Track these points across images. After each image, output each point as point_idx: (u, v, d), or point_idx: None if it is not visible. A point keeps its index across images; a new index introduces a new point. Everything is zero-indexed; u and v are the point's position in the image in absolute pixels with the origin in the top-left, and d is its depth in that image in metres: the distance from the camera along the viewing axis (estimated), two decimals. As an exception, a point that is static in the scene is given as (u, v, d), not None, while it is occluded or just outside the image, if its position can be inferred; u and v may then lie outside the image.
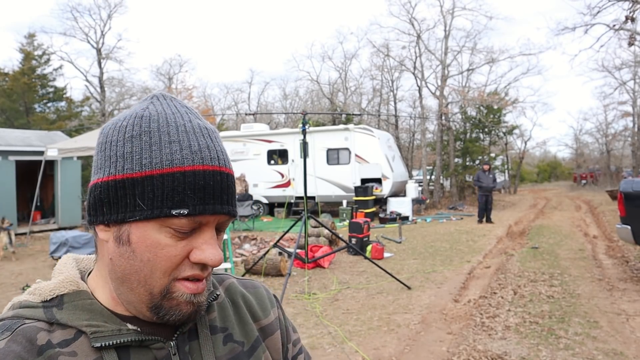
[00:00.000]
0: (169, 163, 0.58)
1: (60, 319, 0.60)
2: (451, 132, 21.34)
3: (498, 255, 8.44)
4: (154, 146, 0.58)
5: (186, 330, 0.66)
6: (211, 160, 0.60)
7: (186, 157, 0.58)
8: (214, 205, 0.59)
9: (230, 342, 0.70)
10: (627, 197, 6.05)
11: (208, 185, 0.58)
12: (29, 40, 21.32)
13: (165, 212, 0.57)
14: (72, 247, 7.95)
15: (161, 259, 0.59)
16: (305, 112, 6.31)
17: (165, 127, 0.60)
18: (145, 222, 0.58)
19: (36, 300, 0.63)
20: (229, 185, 0.61)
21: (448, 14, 20.36)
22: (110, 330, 0.60)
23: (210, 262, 0.60)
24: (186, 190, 0.57)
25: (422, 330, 4.45)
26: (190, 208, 0.57)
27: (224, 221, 0.63)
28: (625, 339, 4.06)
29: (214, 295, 0.70)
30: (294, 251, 5.89)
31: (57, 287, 0.63)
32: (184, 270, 0.60)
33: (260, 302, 0.79)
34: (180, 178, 0.57)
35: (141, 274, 0.59)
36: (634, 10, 10.82)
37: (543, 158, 56.09)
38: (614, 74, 25.12)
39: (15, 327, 0.59)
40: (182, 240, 0.59)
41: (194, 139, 0.60)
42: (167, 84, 29.43)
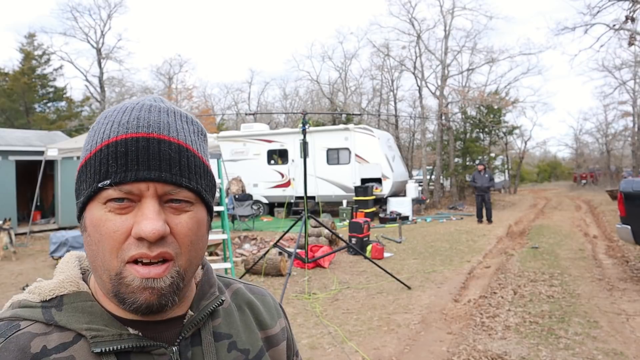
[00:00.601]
0: (100, 141, 0.58)
1: (59, 321, 0.58)
2: (451, 132, 21.34)
3: (498, 255, 8.44)
4: (97, 131, 0.60)
5: (189, 336, 0.64)
6: (137, 129, 0.57)
7: (113, 131, 0.58)
8: (137, 172, 0.56)
9: (235, 349, 0.68)
10: (627, 197, 6.05)
11: (130, 151, 0.56)
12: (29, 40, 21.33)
13: (94, 187, 0.57)
14: (72, 247, 7.94)
15: (104, 236, 0.56)
16: (305, 112, 6.31)
17: (111, 112, 0.61)
18: (90, 204, 0.58)
19: (35, 299, 0.61)
20: (162, 151, 0.57)
21: (448, 14, 20.37)
22: (111, 335, 0.58)
23: (144, 234, 0.54)
24: (109, 160, 0.56)
25: (422, 330, 4.45)
26: (112, 177, 0.56)
27: (167, 191, 0.57)
28: (625, 339, 4.06)
29: (219, 300, 0.69)
30: (294, 251, 5.89)
31: (57, 287, 0.62)
32: (129, 249, 0.56)
33: (268, 311, 0.77)
34: (105, 150, 0.57)
35: (98, 258, 0.58)
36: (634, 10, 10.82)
37: (543, 158, 56.08)
38: (614, 73, 25.16)
39: (9, 334, 0.57)
40: (122, 215, 0.57)
41: (128, 114, 0.59)
42: (167, 84, 29.44)
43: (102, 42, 22.07)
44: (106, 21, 21.96)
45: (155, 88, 28.73)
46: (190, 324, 0.65)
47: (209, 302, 0.68)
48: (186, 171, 0.59)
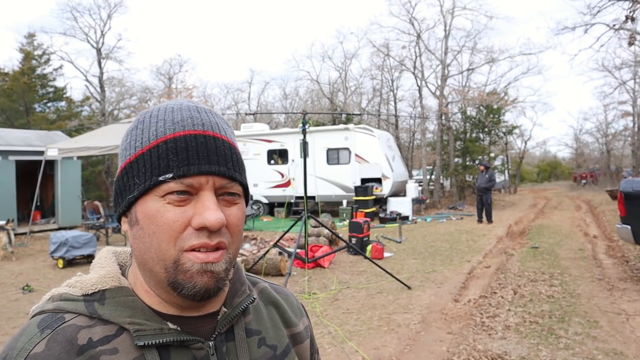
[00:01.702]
0: (154, 137, 0.61)
1: (102, 315, 0.61)
2: (451, 132, 21.33)
3: (498, 255, 8.43)
4: (145, 129, 0.63)
5: (224, 332, 0.67)
6: (193, 126, 0.61)
7: (168, 128, 0.61)
8: (199, 165, 0.59)
9: (264, 345, 0.71)
10: (627, 197, 6.05)
11: (190, 146, 0.59)
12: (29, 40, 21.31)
13: (154, 181, 0.59)
14: (72, 247, 7.95)
15: (162, 227, 0.59)
16: (305, 112, 6.31)
17: (156, 112, 0.64)
18: (145, 197, 0.61)
19: (77, 293, 0.63)
20: (218, 147, 0.61)
21: (448, 14, 20.37)
22: (153, 329, 0.61)
23: (208, 223, 0.58)
24: (169, 155, 0.59)
25: (422, 330, 4.45)
26: (175, 170, 0.59)
27: (223, 184, 0.61)
28: (625, 339, 4.06)
29: (251, 298, 0.72)
30: (294, 251, 5.89)
31: (99, 281, 0.64)
32: (189, 239, 0.59)
33: (292, 310, 0.81)
34: (163, 146, 0.60)
35: (152, 250, 0.60)
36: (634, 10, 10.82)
37: (543, 158, 56.07)
38: (614, 73, 25.12)
39: (56, 326, 0.59)
40: (180, 206, 0.59)
41: (178, 114, 0.62)
42: (167, 84, 29.43)
43: (102, 42, 22.05)
44: (106, 21, 21.93)
45: (155, 88, 28.71)
46: (225, 321, 0.67)
47: (242, 299, 0.71)
48: (237, 166, 0.63)
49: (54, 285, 6.98)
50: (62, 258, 7.93)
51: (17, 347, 0.57)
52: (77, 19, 21.78)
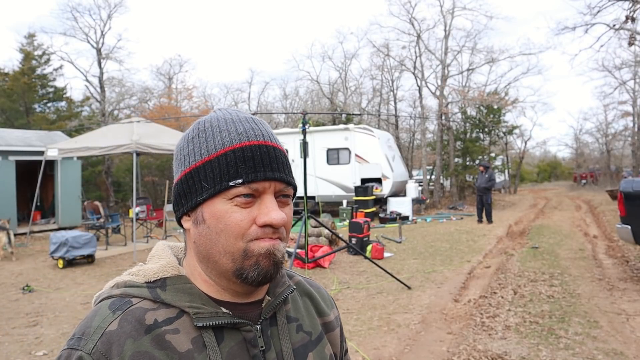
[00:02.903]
0: (221, 146, 0.69)
1: (164, 299, 0.69)
2: (451, 132, 21.32)
3: (498, 255, 8.43)
4: (209, 138, 0.70)
5: (268, 317, 0.75)
6: (256, 137, 0.69)
7: (234, 138, 0.69)
8: (265, 172, 0.67)
9: (301, 331, 0.80)
10: (627, 197, 6.05)
11: (256, 155, 0.68)
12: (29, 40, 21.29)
13: (224, 185, 0.67)
14: (72, 247, 7.94)
15: (231, 225, 0.67)
16: (305, 112, 6.31)
17: (216, 123, 0.72)
18: (212, 199, 0.68)
19: (140, 280, 0.71)
20: (277, 156, 0.70)
21: (448, 14, 20.36)
22: (209, 312, 0.69)
23: (274, 222, 0.67)
24: (238, 163, 0.67)
25: (422, 330, 4.45)
26: (244, 176, 0.67)
27: (281, 188, 0.70)
28: (625, 339, 4.06)
29: (291, 288, 0.80)
30: (294, 251, 5.89)
31: (160, 270, 0.72)
32: (256, 233, 0.67)
33: (324, 301, 0.90)
34: (231, 155, 0.68)
35: (219, 244, 0.68)
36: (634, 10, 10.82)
37: (543, 158, 56.05)
38: (614, 73, 25.09)
39: (125, 308, 0.67)
40: (245, 208, 0.67)
41: (239, 125, 0.71)
42: (167, 84, 29.43)
43: (102, 42, 22.04)
44: (106, 21, 21.92)
45: (155, 88, 28.71)
46: (269, 308, 0.76)
47: (283, 289, 0.79)
48: (290, 172, 0.72)
49: (54, 286, 6.97)
50: (62, 258, 7.92)
51: (92, 326, 0.65)
52: (77, 19, 21.78)
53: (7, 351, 4.21)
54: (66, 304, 5.75)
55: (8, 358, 4.05)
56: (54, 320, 5.10)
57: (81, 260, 8.34)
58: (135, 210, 9.77)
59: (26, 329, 4.84)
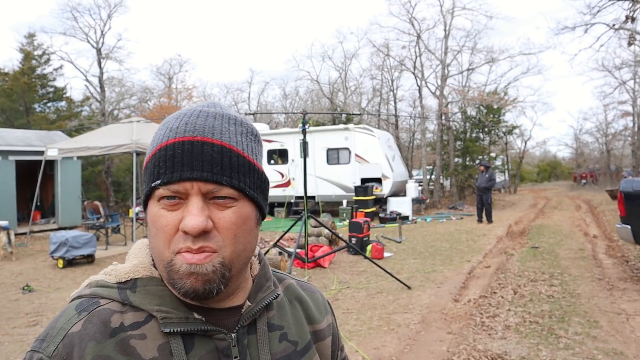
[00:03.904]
0: (156, 145, 0.65)
1: (133, 302, 0.65)
2: (451, 132, 21.32)
3: (498, 255, 8.43)
4: (155, 136, 0.67)
5: (246, 325, 0.70)
6: (184, 133, 0.63)
7: (165, 136, 0.65)
8: (181, 172, 0.62)
9: (285, 340, 0.74)
10: (627, 197, 6.05)
11: (176, 154, 0.62)
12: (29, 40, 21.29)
13: (149, 187, 0.65)
14: (72, 247, 7.94)
15: (159, 230, 0.63)
16: (305, 112, 6.31)
17: (169, 118, 0.68)
18: (150, 201, 0.66)
19: (112, 280, 0.68)
20: (205, 152, 0.62)
21: (448, 14, 20.36)
22: (179, 318, 0.64)
23: (186, 229, 0.60)
24: (160, 163, 0.63)
25: (422, 330, 4.45)
26: (162, 177, 0.62)
27: (210, 189, 0.62)
28: (625, 339, 4.06)
29: (275, 294, 0.75)
30: (294, 251, 5.89)
31: (131, 270, 0.68)
32: (179, 242, 0.62)
33: (316, 307, 0.83)
34: (157, 154, 0.64)
35: (156, 249, 0.65)
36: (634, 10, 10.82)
37: (543, 158, 56.06)
38: (613, 73, 25.11)
39: (92, 309, 0.64)
40: (172, 211, 0.63)
41: (180, 120, 0.65)
42: (167, 84, 29.43)
43: (102, 42, 22.04)
44: (106, 21, 21.92)
45: (155, 88, 28.71)
46: (248, 314, 0.70)
47: (266, 294, 0.74)
48: (228, 170, 0.63)
49: (54, 285, 6.98)
50: (62, 258, 7.92)
51: (56, 327, 0.63)
52: (77, 19, 21.78)
53: (7, 351, 4.21)
54: (66, 304, 5.74)
55: (8, 358, 4.05)
56: (54, 320, 5.09)
57: (81, 260, 8.34)
58: (135, 210, 9.77)
59: (26, 329, 4.84)
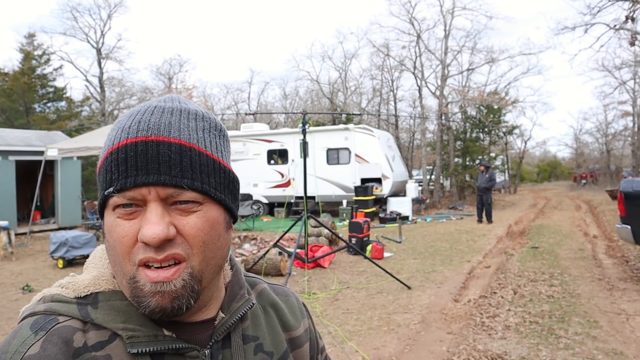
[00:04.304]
0: (108, 147, 0.58)
1: (95, 319, 0.58)
2: (451, 132, 21.33)
3: (498, 255, 8.43)
4: (108, 139, 0.60)
5: (220, 339, 0.64)
6: (137, 133, 0.56)
7: (117, 137, 0.57)
8: (136, 177, 0.55)
9: (261, 352, 0.68)
10: (627, 197, 6.05)
11: (129, 156, 0.55)
12: (29, 40, 21.31)
13: (102, 195, 0.58)
14: (72, 247, 7.95)
15: (116, 241, 0.57)
16: (305, 112, 6.30)
17: (121, 118, 0.61)
18: (105, 211, 0.59)
19: (70, 295, 0.60)
20: (161, 153, 0.55)
21: (448, 14, 20.36)
22: (147, 336, 0.58)
23: (145, 240, 0.54)
24: (112, 168, 0.56)
25: (422, 330, 4.45)
26: (115, 184, 0.56)
27: (170, 194, 0.56)
28: (625, 339, 4.06)
29: (250, 303, 0.69)
30: (294, 251, 5.89)
31: (91, 283, 0.61)
32: (138, 253, 0.55)
33: (292, 312, 0.77)
34: (109, 158, 0.57)
35: (116, 262, 0.58)
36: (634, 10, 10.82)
37: (543, 158, 56.07)
38: (613, 73, 25.12)
39: (50, 327, 0.56)
40: (130, 220, 0.56)
41: (134, 119, 0.58)
42: (167, 84, 29.42)
43: (102, 42, 22.05)
44: (106, 21, 21.93)
45: (155, 88, 28.71)
46: (222, 327, 0.65)
47: (240, 304, 0.68)
48: (189, 171, 0.57)
49: (54, 285, 7.04)
50: (62, 258, 7.93)
51: (9, 351, 0.54)
52: (77, 19, 21.79)
53: (7, 351, 4.21)
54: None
55: (8, 358, 4.05)
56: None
57: (81, 260, 8.33)
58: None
59: (26, 329, 4.84)
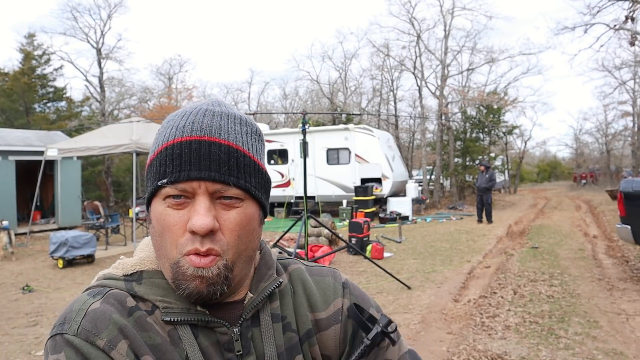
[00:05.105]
0: (161, 143, 0.65)
1: (138, 292, 0.66)
2: (451, 132, 21.32)
3: (498, 255, 8.43)
4: (160, 134, 0.67)
5: (249, 318, 0.69)
6: (191, 132, 0.63)
7: (171, 134, 0.64)
8: (189, 171, 0.61)
9: (289, 331, 0.72)
10: (627, 197, 6.05)
11: (184, 153, 0.62)
12: (29, 40, 21.29)
13: (155, 185, 0.64)
14: (72, 247, 7.94)
15: (165, 229, 0.63)
16: (305, 112, 6.30)
17: (172, 117, 0.68)
18: (154, 199, 0.66)
19: (119, 273, 0.69)
20: (212, 152, 0.62)
21: (448, 14, 20.36)
22: (180, 308, 0.65)
23: (195, 228, 0.61)
24: (167, 161, 0.63)
25: (422, 330, 4.45)
26: (169, 176, 0.62)
27: (217, 189, 0.63)
28: (625, 339, 4.06)
29: (277, 282, 0.73)
30: (294, 251, 5.89)
31: (137, 263, 0.70)
32: (187, 244, 0.62)
33: (322, 292, 0.77)
34: (164, 152, 0.64)
35: (162, 248, 0.65)
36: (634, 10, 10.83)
37: (543, 158, 56.05)
38: (613, 73, 25.10)
39: (105, 292, 0.65)
40: (179, 210, 0.63)
41: (186, 119, 0.65)
42: (167, 84, 29.43)
43: (102, 42, 22.05)
44: (106, 21, 21.93)
45: (155, 88, 28.72)
46: (250, 306, 0.69)
47: (267, 284, 0.72)
48: (235, 170, 0.63)
49: (54, 286, 6.98)
50: (62, 258, 7.92)
51: (74, 309, 0.62)
52: (77, 19, 21.78)
53: (7, 351, 4.21)
54: (66, 304, 5.74)
55: (8, 358, 4.05)
56: (54, 320, 5.09)
57: (81, 260, 8.34)
58: (135, 210, 9.77)
59: (26, 329, 4.84)
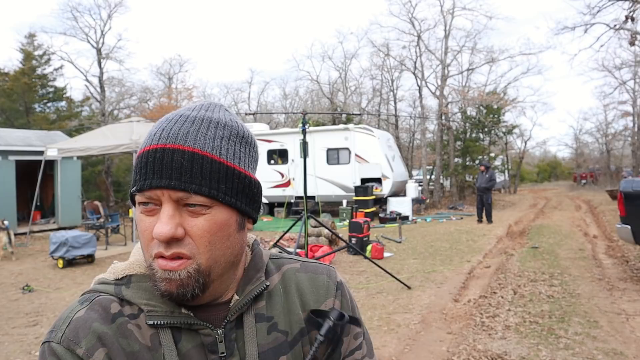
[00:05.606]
0: (139, 151, 0.68)
1: (125, 296, 0.69)
2: (451, 132, 21.32)
3: (498, 255, 8.43)
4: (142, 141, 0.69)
5: (234, 319, 0.70)
6: (159, 140, 0.64)
7: (146, 142, 0.66)
8: (152, 180, 0.63)
9: (275, 331, 0.72)
10: (627, 197, 6.05)
11: (149, 162, 0.64)
12: (29, 40, 21.29)
13: (129, 192, 0.68)
14: (72, 247, 7.94)
15: (140, 233, 0.67)
16: (305, 112, 6.30)
17: (156, 123, 0.69)
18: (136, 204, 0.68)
19: (111, 278, 0.72)
20: (175, 160, 0.62)
21: (448, 14, 20.36)
22: (164, 311, 0.67)
23: (155, 236, 0.63)
24: (138, 169, 0.66)
25: (422, 330, 4.45)
26: (137, 185, 0.65)
27: (181, 197, 0.63)
28: (625, 339, 4.06)
29: (263, 285, 0.74)
30: (294, 251, 5.89)
31: (127, 267, 0.72)
32: (154, 248, 0.64)
33: (315, 291, 0.78)
34: (138, 160, 0.66)
35: (141, 250, 0.69)
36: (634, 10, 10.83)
37: (543, 158, 56.05)
38: (614, 73, 25.07)
39: (93, 299, 0.69)
40: (150, 216, 0.65)
41: (159, 127, 0.67)
42: (167, 84, 29.43)
43: (102, 42, 22.04)
44: (106, 21, 21.92)
45: (155, 88, 28.72)
46: (235, 308, 0.71)
47: (254, 286, 0.73)
48: (198, 177, 0.63)
49: (53, 285, 6.98)
50: (62, 258, 7.92)
51: (62, 318, 0.68)
52: (77, 19, 21.77)
53: (7, 351, 4.21)
54: (66, 304, 5.74)
55: (8, 358, 4.05)
56: (53, 320, 5.10)
57: (81, 260, 8.34)
58: (135, 210, 9.75)
59: (26, 328, 4.84)
